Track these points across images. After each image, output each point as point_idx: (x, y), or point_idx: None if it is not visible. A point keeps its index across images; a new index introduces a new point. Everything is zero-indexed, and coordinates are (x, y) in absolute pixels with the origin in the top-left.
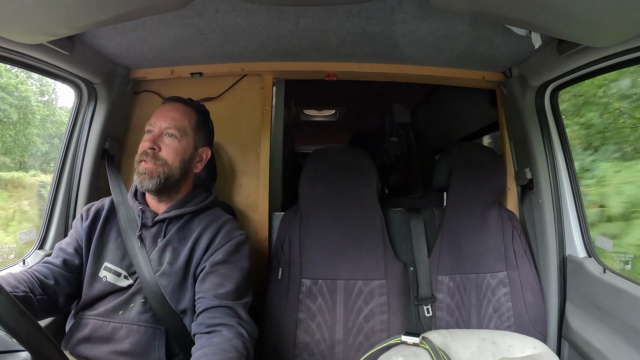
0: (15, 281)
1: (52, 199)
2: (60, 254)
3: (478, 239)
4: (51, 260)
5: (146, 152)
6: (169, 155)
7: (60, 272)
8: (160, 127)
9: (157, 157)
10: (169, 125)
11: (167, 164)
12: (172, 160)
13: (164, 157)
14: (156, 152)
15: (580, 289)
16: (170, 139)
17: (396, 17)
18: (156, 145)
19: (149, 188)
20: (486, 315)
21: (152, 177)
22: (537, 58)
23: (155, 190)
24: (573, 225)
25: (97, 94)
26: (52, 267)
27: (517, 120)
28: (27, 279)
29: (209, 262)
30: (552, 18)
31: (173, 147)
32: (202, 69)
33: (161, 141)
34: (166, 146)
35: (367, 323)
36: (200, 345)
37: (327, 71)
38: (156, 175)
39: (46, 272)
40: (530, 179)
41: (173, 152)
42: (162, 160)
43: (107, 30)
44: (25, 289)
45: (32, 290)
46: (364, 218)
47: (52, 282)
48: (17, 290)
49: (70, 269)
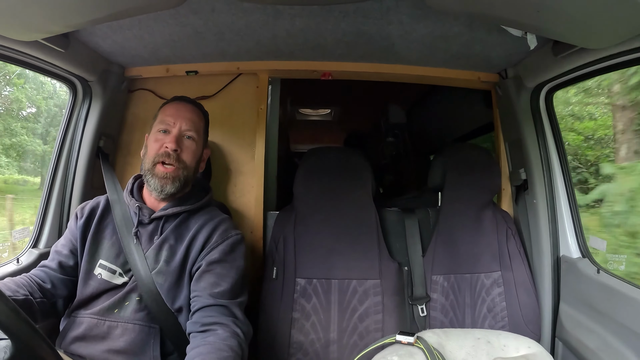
0: (15, 285)
1: (46, 197)
2: (55, 256)
3: (472, 239)
4: (47, 263)
5: (168, 154)
6: (188, 157)
7: (57, 276)
8: (180, 128)
9: (180, 159)
10: (190, 127)
11: (187, 167)
12: (190, 163)
13: (184, 159)
14: (178, 153)
15: (574, 289)
16: (190, 141)
17: (392, 18)
18: (179, 147)
19: (170, 192)
20: (480, 315)
21: (174, 181)
22: (532, 59)
23: (173, 194)
24: (567, 225)
25: (92, 92)
26: (48, 270)
27: (512, 121)
28: (27, 283)
29: (205, 261)
30: (547, 19)
31: (192, 149)
32: (198, 68)
33: (181, 143)
34: (186, 148)
35: (361, 323)
36: (195, 344)
37: (323, 71)
38: (178, 179)
39: (43, 276)
40: (525, 179)
41: (192, 155)
42: (183, 163)
43: (102, 28)
44: (25, 292)
45: (31, 294)
46: (358, 218)
47: (49, 285)
48: (17, 294)
49: (66, 272)
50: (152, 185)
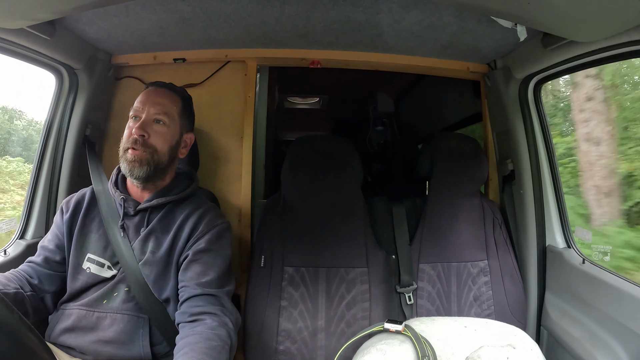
0: (5, 280)
1: (32, 188)
2: (42, 252)
3: (459, 227)
4: (34, 259)
5: (135, 140)
6: (158, 142)
7: (43, 271)
8: (148, 113)
9: (147, 144)
10: (158, 111)
11: (157, 151)
12: (161, 147)
13: (153, 143)
14: (145, 139)
15: (560, 279)
16: (159, 126)
17: (382, 6)
18: (145, 132)
19: (139, 176)
20: (467, 303)
21: (142, 164)
22: (521, 50)
23: (145, 178)
24: (553, 216)
25: (78, 80)
26: (35, 266)
27: (500, 112)
28: (16, 277)
29: (191, 251)
30: (537, 11)
31: (162, 133)
32: (185, 55)
33: (150, 128)
34: (155, 133)
35: (349, 311)
36: (184, 334)
37: (312, 59)
38: (146, 162)
39: (30, 272)
40: (512, 169)
41: (162, 139)
42: (152, 147)
43: (88, 14)
44: (15, 286)
45: (22, 287)
46: (346, 206)
47: (36, 281)
48: (8, 288)
49: (53, 267)
50: (124, 170)
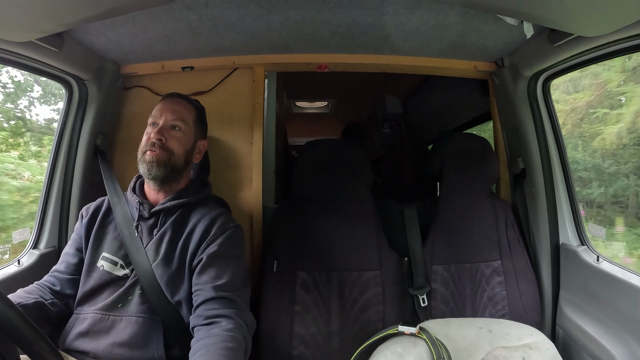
0: (25, 293)
1: (45, 197)
2: (63, 258)
3: (472, 228)
4: (56, 267)
5: (153, 143)
6: (174, 145)
7: (64, 277)
8: (166, 119)
9: (165, 147)
10: (175, 118)
11: (174, 154)
12: (178, 150)
13: (170, 147)
14: (163, 142)
15: (574, 277)
16: (176, 131)
17: (387, 8)
18: (163, 136)
19: (157, 175)
20: (481, 304)
21: (159, 165)
22: (528, 48)
23: (162, 179)
24: (566, 213)
25: (87, 91)
26: (57, 274)
27: (510, 110)
28: (37, 289)
29: (205, 254)
30: (543, 7)
31: (178, 138)
32: (193, 63)
33: (167, 132)
34: (172, 137)
35: (362, 314)
36: (200, 337)
37: (319, 63)
38: (163, 163)
39: (53, 280)
40: (523, 168)
41: (178, 143)
42: (169, 150)
43: (96, 26)
44: (35, 297)
45: (42, 297)
46: (357, 209)
47: (58, 287)
48: (27, 300)
49: (71, 271)
50: (142, 171)
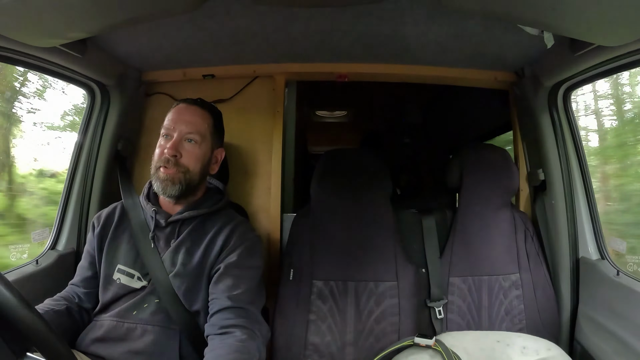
0: (54, 300)
1: (65, 199)
2: (79, 272)
3: (490, 240)
4: (73, 281)
5: (167, 159)
6: (190, 161)
7: (82, 290)
8: (180, 133)
9: (179, 163)
10: (190, 130)
11: (189, 171)
12: (193, 167)
13: (185, 163)
14: (178, 158)
15: (593, 292)
16: (191, 145)
17: (407, 18)
18: (177, 152)
19: (172, 194)
20: (498, 317)
21: (174, 183)
22: (549, 57)
23: (177, 196)
24: (586, 226)
25: (109, 96)
26: (74, 287)
27: (530, 121)
28: (63, 297)
29: (223, 264)
30: (563, 17)
31: (194, 153)
32: (214, 71)
33: (182, 147)
34: (187, 152)
35: (378, 325)
36: (214, 347)
37: (339, 72)
38: (178, 181)
39: (72, 293)
40: (543, 179)
41: (194, 158)
42: (184, 167)
43: (119, 33)
44: (64, 303)
45: (69, 305)
46: (375, 219)
47: (76, 300)
48: (58, 305)
49: (88, 284)
50: (156, 188)
